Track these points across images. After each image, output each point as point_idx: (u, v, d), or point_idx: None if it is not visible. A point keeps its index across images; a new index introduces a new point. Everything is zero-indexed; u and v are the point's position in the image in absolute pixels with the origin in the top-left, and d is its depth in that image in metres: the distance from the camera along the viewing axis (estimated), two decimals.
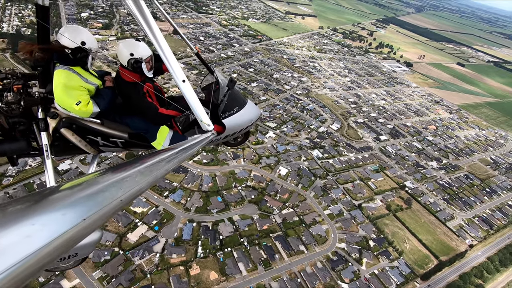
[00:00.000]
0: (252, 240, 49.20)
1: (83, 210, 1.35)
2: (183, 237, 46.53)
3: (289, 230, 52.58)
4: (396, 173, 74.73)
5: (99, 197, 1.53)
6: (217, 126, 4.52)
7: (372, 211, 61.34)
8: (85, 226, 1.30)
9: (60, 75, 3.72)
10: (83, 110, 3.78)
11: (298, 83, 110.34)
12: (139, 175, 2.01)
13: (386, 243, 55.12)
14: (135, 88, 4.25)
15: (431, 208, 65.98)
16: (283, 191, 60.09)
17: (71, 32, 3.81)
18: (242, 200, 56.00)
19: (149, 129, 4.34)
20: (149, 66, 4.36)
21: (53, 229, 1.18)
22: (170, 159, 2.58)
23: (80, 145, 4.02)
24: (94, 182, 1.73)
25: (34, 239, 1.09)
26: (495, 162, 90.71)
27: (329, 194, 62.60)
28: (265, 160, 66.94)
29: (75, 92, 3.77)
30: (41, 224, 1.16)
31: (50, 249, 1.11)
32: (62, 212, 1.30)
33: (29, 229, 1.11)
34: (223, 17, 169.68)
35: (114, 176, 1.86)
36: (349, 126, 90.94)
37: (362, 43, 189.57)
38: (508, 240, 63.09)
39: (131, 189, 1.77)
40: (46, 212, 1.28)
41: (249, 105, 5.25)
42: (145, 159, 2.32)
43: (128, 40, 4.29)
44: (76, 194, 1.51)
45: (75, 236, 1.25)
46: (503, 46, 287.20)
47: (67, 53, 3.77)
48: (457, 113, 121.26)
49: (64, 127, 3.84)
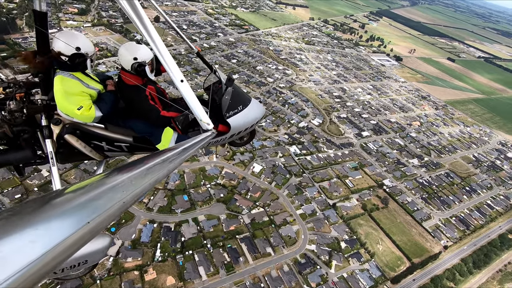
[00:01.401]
0: (216, 242, 46.79)
1: (87, 213, 1.35)
2: (141, 239, 43.84)
3: (257, 231, 50.31)
4: (375, 170, 72.86)
5: (102, 199, 1.54)
6: (222, 126, 4.63)
7: (347, 210, 59.44)
8: (90, 230, 1.30)
9: (60, 82, 3.73)
10: (86, 115, 3.79)
11: (282, 76, 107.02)
12: (141, 177, 1.98)
13: (358, 244, 53.39)
14: (137, 91, 4.25)
15: (408, 207, 64.42)
16: (255, 190, 57.63)
17: (65, 38, 3.71)
18: (210, 199, 53.39)
19: (153, 132, 4.32)
20: (151, 68, 4.40)
21: (57, 233, 1.17)
22: (171, 159, 2.54)
23: (85, 151, 4.01)
24: (97, 185, 1.72)
25: (38, 244, 1.07)
26: (477, 160, 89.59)
27: (303, 193, 60.39)
28: (239, 157, 64.15)
29: (76, 97, 3.77)
30: (45, 228, 1.15)
31: (54, 254, 1.10)
32: (66, 216, 1.30)
33: (33, 233, 1.10)
34: (210, 5, 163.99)
35: (116, 178, 1.85)
36: (331, 121, 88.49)
37: (353, 36, 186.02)
38: (483, 241, 62.09)
39: (134, 190, 1.77)
40: (50, 216, 1.27)
41: (254, 103, 5.23)
42: (146, 160, 2.28)
43: (129, 44, 4.31)
44: (79, 198, 1.51)
45: (79, 240, 1.25)
46: (495, 42, 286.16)
47: (65, 60, 3.77)
48: (443, 109, 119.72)
49: (68, 133, 3.83)
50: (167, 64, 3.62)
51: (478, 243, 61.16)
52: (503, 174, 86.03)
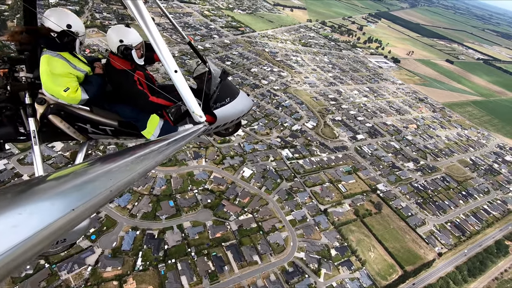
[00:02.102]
0: (201, 250, 45.26)
1: (72, 200, 1.33)
2: (122, 247, 42.34)
3: (244, 238, 48.77)
4: (369, 175, 71.30)
5: (88, 187, 1.52)
6: (208, 116, 4.51)
7: (338, 216, 57.87)
8: (74, 217, 1.28)
9: (47, 61, 3.62)
10: (72, 97, 3.71)
11: (277, 78, 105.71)
12: (129, 166, 1.94)
13: (349, 252, 51.80)
14: (125, 76, 4.17)
15: (402, 213, 62.83)
16: (244, 195, 56.14)
17: (56, 15, 3.65)
18: (197, 204, 51.92)
19: (139, 118, 4.26)
20: (139, 54, 4.27)
21: (41, 219, 1.14)
22: (161, 150, 2.52)
23: (69, 132, 3.95)
24: (83, 172, 1.70)
25: (21, 228, 1.06)
26: (474, 164, 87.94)
27: (294, 198, 58.87)
28: (229, 161, 62.73)
29: (63, 78, 3.68)
30: (28, 213, 1.13)
31: (37, 239, 1.08)
32: (51, 202, 1.28)
33: (16, 218, 1.08)
34: (207, 7, 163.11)
35: (104, 166, 1.83)
36: (325, 124, 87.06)
37: (351, 38, 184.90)
38: (479, 248, 60.40)
39: (121, 180, 1.73)
40: (34, 201, 1.24)
41: (241, 96, 5.21)
42: (136, 149, 2.26)
43: (118, 26, 4.17)
44: (65, 184, 1.49)
45: (63, 226, 1.23)
46: (494, 44, 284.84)
47: (53, 37, 3.66)
48: (440, 111, 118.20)
49: (52, 114, 3.74)
50: (161, 53, 3.54)
51: (473, 250, 59.46)
52: (500, 178, 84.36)
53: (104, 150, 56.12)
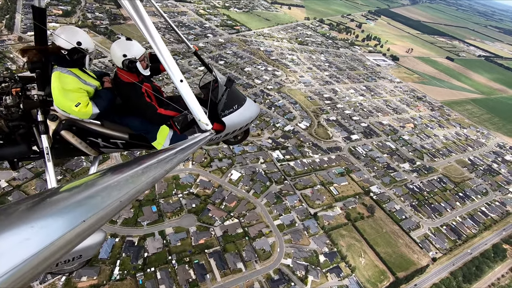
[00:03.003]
0: (183, 257, 43.64)
1: (83, 212, 1.36)
2: (99, 256, 40.72)
3: (229, 245, 47.11)
4: (363, 176, 69.34)
5: (98, 198, 1.55)
6: (216, 124, 4.55)
7: (329, 220, 56.04)
8: (85, 228, 1.31)
9: (57, 78, 3.73)
10: (83, 112, 3.77)
11: (271, 77, 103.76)
12: (138, 176, 1.99)
13: (338, 257, 49.99)
14: (133, 89, 4.24)
15: (396, 216, 60.87)
16: (231, 199, 54.48)
17: (66, 33, 3.77)
18: (181, 209, 50.31)
19: (149, 130, 4.31)
20: (144, 64, 4.29)
21: (53, 231, 1.17)
22: (169, 159, 2.54)
23: (81, 147, 4.01)
24: (93, 184, 1.74)
25: (33, 241, 1.08)
26: (472, 164, 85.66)
27: (283, 202, 57.12)
28: (216, 163, 61.08)
29: (74, 94, 3.76)
30: (40, 226, 1.16)
31: (49, 252, 1.11)
32: (62, 214, 1.31)
33: (28, 231, 1.11)
34: (202, 6, 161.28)
35: (113, 177, 1.86)
36: (319, 124, 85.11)
37: (349, 35, 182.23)
38: (475, 252, 58.33)
39: (130, 190, 1.77)
40: (46, 214, 1.28)
41: (248, 103, 5.25)
42: (144, 160, 2.29)
43: (120, 41, 4.23)
44: (75, 196, 1.52)
45: (75, 238, 1.25)
46: (496, 40, 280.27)
47: (64, 55, 3.79)
48: (439, 110, 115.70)
49: (64, 129, 3.83)
50: (166, 63, 3.61)
51: (469, 254, 57.35)
52: (499, 178, 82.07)
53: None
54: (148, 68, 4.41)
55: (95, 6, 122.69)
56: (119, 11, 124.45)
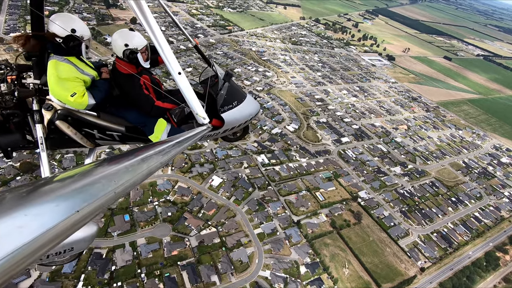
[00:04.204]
0: (153, 270, 41.30)
1: (77, 202, 1.34)
2: (62, 270, 38.45)
3: (204, 256, 44.77)
4: (351, 181, 66.88)
5: (93, 189, 1.53)
6: (216, 120, 4.54)
7: (313, 228, 53.65)
8: (79, 218, 1.30)
9: (54, 66, 3.61)
10: (78, 102, 3.67)
11: (261, 78, 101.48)
12: (133, 168, 1.96)
13: (321, 268, 47.57)
14: (131, 80, 4.15)
15: (384, 223, 58.42)
16: (210, 206, 52.16)
17: (60, 19, 3.64)
18: (155, 218, 48.02)
19: (146, 122, 4.23)
20: (145, 56, 4.22)
21: (46, 220, 1.16)
22: (165, 152, 2.51)
23: (76, 138, 3.93)
24: (88, 174, 1.72)
25: (27, 229, 1.07)
26: (467, 167, 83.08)
27: (265, 209, 54.75)
28: (197, 168, 58.76)
29: (70, 83, 3.65)
30: (34, 214, 1.15)
31: (42, 240, 1.10)
32: (56, 203, 1.29)
33: (22, 219, 1.10)
34: (195, 5, 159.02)
35: (108, 168, 1.84)
36: (308, 126, 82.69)
37: (345, 35, 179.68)
38: (467, 260, 55.85)
39: (126, 181, 1.75)
40: (39, 203, 1.26)
41: (248, 99, 5.15)
42: (140, 151, 2.26)
43: (122, 31, 4.14)
44: (70, 186, 1.51)
45: (68, 227, 1.24)
46: (496, 39, 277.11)
47: (59, 42, 3.66)
48: (434, 111, 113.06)
49: (59, 119, 3.73)
50: (165, 55, 3.57)
51: (460, 263, 54.90)
52: (494, 181, 79.51)
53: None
54: (149, 61, 4.31)
55: (83, 6, 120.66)
56: (108, 11, 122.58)
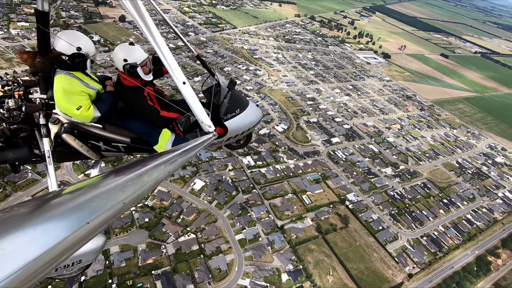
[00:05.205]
0: (125, 280, 39.46)
1: (86, 214, 1.36)
2: None
3: (181, 264, 42.91)
4: (340, 183, 65.00)
5: (102, 200, 1.54)
6: (219, 128, 4.53)
7: (297, 233, 51.81)
8: (89, 230, 1.31)
9: (60, 80, 3.69)
10: (84, 115, 3.74)
11: (252, 77, 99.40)
12: (141, 178, 2.00)
13: (303, 276, 45.76)
14: (135, 92, 4.19)
15: (372, 226, 56.59)
16: (190, 211, 50.28)
17: (66, 38, 3.71)
18: (131, 224, 46.16)
19: (151, 133, 4.28)
20: (146, 70, 4.27)
21: (56, 234, 1.17)
22: (171, 161, 2.54)
23: (82, 150, 3.98)
24: (96, 186, 1.75)
25: (37, 244, 1.08)
26: (461, 167, 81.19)
27: (248, 213, 52.88)
28: (179, 171, 56.74)
29: (76, 97, 3.73)
30: (43, 229, 1.15)
31: (53, 254, 1.10)
32: (65, 216, 1.30)
33: (32, 234, 1.10)
34: (187, 3, 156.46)
35: (116, 179, 1.88)
36: (298, 126, 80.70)
37: (340, 33, 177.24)
38: (458, 265, 54.07)
39: (134, 192, 1.79)
40: (49, 216, 1.27)
41: (251, 107, 5.20)
42: (146, 161, 2.31)
43: (122, 45, 4.21)
44: (78, 198, 1.53)
45: (78, 240, 1.25)
46: (494, 36, 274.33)
47: (65, 60, 3.75)
48: (429, 109, 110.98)
49: (65, 133, 3.80)
50: (169, 65, 3.68)
51: (450, 269, 53.10)
52: (488, 182, 77.66)
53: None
54: (151, 73, 4.35)
55: (71, 4, 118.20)
56: (96, 9, 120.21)
